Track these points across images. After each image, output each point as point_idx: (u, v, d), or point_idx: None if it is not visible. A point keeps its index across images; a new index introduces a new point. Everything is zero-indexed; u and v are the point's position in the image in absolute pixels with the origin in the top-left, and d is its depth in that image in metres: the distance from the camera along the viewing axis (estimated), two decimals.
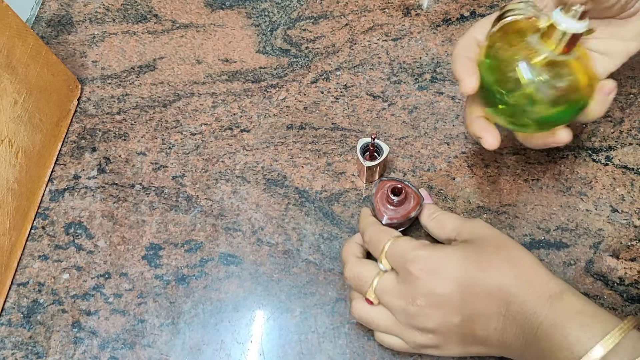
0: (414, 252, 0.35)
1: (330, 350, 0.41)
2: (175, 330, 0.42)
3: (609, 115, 0.50)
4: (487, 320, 0.33)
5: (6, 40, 0.43)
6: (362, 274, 0.37)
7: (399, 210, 0.41)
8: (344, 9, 0.58)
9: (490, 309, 0.33)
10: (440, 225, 0.40)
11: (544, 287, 0.32)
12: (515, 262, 0.33)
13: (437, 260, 0.34)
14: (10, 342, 0.42)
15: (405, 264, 0.34)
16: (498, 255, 0.34)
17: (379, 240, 0.37)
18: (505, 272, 0.33)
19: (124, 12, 0.60)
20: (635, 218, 0.44)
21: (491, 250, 0.34)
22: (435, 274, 0.33)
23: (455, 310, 0.33)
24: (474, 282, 0.33)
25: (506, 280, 0.33)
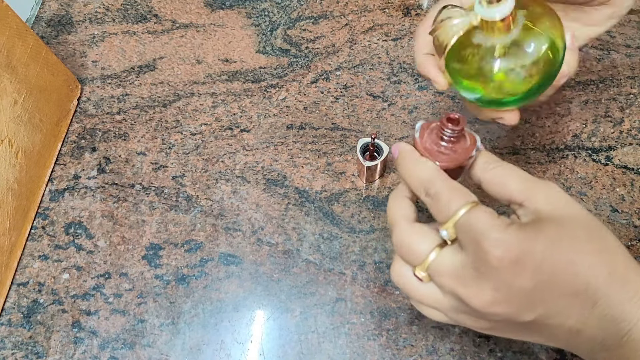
0: (497, 233, 0.27)
1: (330, 350, 0.41)
2: (175, 330, 0.42)
3: (609, 115, 0.50)
4: (563, 320, 0.28)
5: (6, 40, 0.43)
6: (415, 244, 0.30)
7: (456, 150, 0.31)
8: (344, 9, 0.58)
9: (571, 309, 0.28)
10: (500, 182, 0.31)
11: (637, 287, 0.27)
12: (610, 255, 0.28)
13: (524, 247, 0.27)
14: (10, 342, 0.42)
15: (484, 245, 0.27)
16: (591, 246, 0.28)
17: (450, 201, 0.29)
18: (598, 268, 0.27)
19: (124, 12, 0.60)
20: (635, 218, 0.44)
21: (584, 238, 0.28)
22: (518, 266, 0.27)
23: (529, 309, 0.28)
24: (561, 277, 0.27)
25: (598, 278, 0.27)
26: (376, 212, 0.46)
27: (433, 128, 0.32)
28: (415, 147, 0.32)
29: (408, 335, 0.41)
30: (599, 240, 0.28)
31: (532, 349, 0.40)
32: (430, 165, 0.31)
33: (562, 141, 0.49)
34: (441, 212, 0.30)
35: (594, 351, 0.28)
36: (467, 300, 0.28)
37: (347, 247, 0.45)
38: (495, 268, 0.27)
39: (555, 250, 0.27)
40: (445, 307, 0.30)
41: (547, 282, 0.27)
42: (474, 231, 0.28)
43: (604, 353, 0.28)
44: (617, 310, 0.27)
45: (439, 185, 0.30)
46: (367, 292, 0.43)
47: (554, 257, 0.27)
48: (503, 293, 0.27)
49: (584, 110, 0.50)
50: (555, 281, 0.27)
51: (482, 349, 0.40)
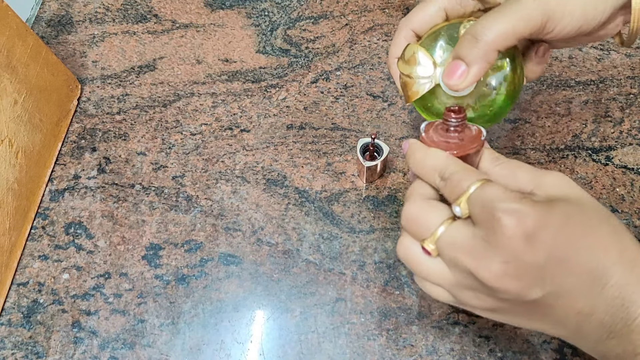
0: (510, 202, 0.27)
1: (330, 350, 0.41)
2: (175, 330, 0.42)
3: (609, 115, 0.50)
4: (573, 300, 0.27)
5: (6, 40, 0.43)
6: (425, 218, 0.30)
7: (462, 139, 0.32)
8: (344, 9, 0.58)
9: (581, 289, 0.27)
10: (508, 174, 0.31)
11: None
12: (621, 237, 0.28)
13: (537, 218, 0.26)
14: (10, 342, 0.42)
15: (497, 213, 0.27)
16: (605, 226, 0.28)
17: (462, 179, 0.29)
18: (610, 248, 0.27)
19: (124, 12, 0.60)
20: (635, 218, 0.44)
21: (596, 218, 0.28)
22: (531, 238, 0.26)
23: (538, 284, 0.27)
24: (572, 254, 0.27)
25: (609, 258, 0.27)
26: (376, 212, 0.46)
27: (437, 124, 0.33)
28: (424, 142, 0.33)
29: (408, 335, 0.41)
30: (611, 222, 0.28)
31: (532, 349, 0.40)
32: (441, 152, 0.31)
33: (562, 141, 0.49)
34: (454, 192, 0.29)
35: (602, 339, 0.28)
36: (476, 272, 0.28)
37: (347, 247, 0.45)
38: (507, 238, 0.26)
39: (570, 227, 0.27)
40: (450, 282, 0.30)
41: (559, 258, 0.27)
42: (486, 203, 0.27)
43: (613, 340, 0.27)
44: (627, 293, 0.26)
45: (451, 168, 0.30)
46: (367, 292, 0.43)
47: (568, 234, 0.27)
48: (513, 266, 0.27)
49: (584, 110, 0.50)
50: (568, 258, 0.27)
51: (482, 349, 0.40)
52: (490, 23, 0.31)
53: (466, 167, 0.30)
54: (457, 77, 0.32)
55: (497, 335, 0.40)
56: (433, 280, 0.31)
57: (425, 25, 0.37)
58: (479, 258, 0.28)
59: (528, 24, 0.31)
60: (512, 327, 0.41)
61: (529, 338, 0.40)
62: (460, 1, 0.35)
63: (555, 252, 0.27)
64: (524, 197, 0.27)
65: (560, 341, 0.40)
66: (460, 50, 0.32)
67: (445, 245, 0.29)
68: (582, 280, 0.27)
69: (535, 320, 0.29)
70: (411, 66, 0.35)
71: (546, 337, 0.40)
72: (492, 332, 0.41)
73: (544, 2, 0.31)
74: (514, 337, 0.40)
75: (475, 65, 0.32)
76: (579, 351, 0.40)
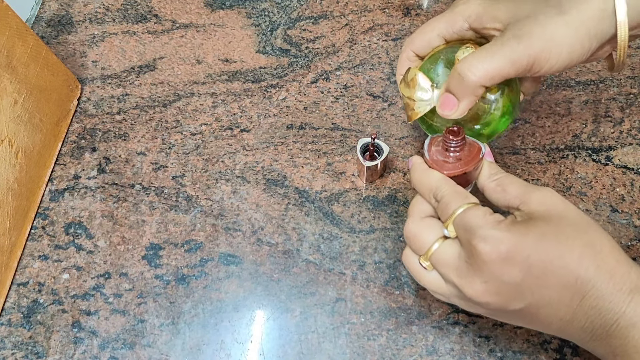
0: (486, 229, 0.30)
1: (330, 350, 0.41)
2: (175, 330, 0.42)
3: (609, 115, 0.50)
4: (554, 310, 0.30)
5: (6, 40, 0.43)
6: (421, 236, 0.33)
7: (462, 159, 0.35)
8: (344, 9, 0.58)
9: (561, 300, 0.29)
10: (501, 189, 0.34)
11: (625, 279, 0.28)
12: (598, 248, 0.29)
13: (512, 244, 0.29)
14: (10, 342, 0.42)
15: (474, 240, 0.30)
16: (579, 240, 0.29)
17: (450, 202, 0.32)
18: (587, 261, 0.29)
19: (124, 12, 0.60)
20: (635, 218, 0.44)
21: (571, 233, 0.30)
22: (505, 261, 0.29)
23: (519, 299, 0.30)
24: (548, 270, 0.29)
25: (587, 271, 0.29)
26: (376, 212, 0.46)
27: (440, 141, 0.36)
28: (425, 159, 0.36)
29: (408, 335, 0.41)
30: (587, 235, 0.30)
31: (532, 349, 0.40)
32: (436, 174, 0.34)
33: (562, 141, 0.49)
34: (443, 213, 0.33)
35: (585, 340, 0.30)
36: (462, 289, 0.31)
37: (347, 247, 0.45)
38: (484, 262, 0.29)
39: (543, 245, 0.29)
40: (447, 293, 0.33)
41: (535, 275, 0.29)
42: (467, 227, 0.31)
43: (595, 342, 0.30)
44: (605, 302, 0.28)
45: (443, 190, 0.33)
46: (367, 292, 0.43)
47: (541, 252, 0.29)
48: (492, 285, 0.30)
49: (584, 110, 0.50)
50: (544, 274, 0.29)
51: (482, 349, 0.40)
52: (477, 62, 0.33)
53: (456, 190, 0.33)
54: (449, 108, 0.35)
55: (497, 335, 0.40)
56: (432, 289, 0.34)
57: (425, 48, 0.39)
58: (463, 277, 0.31)
59: (514, 66, 0.32)
60: (512, 327, 0.41)
61: (529, 338, 0.40)
62: (458, 31, 0.37)
63: (531, 270, 0.29)
64: (500, 222, 0.30)
65: (560, 341, 0.40)
66: (450, 86, 0.35)
67: (437, 261, 0.32)
68: (560, 293, 0.29)
69: (522, 321, 0.32)
70: (411, 89, 0.37)
71: (546, 337, 0.40)
72: (492, 332, 0.41)
73: (530, 46, 0.32)
74: (514, 337, 0.40)
75: (464, 100, 0.34)
76: (579, 351, 0.40)
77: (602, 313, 0.29)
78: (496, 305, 0.31)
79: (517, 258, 0.29)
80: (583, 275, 0.29)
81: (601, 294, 0.29)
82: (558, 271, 0.29)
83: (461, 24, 0.36)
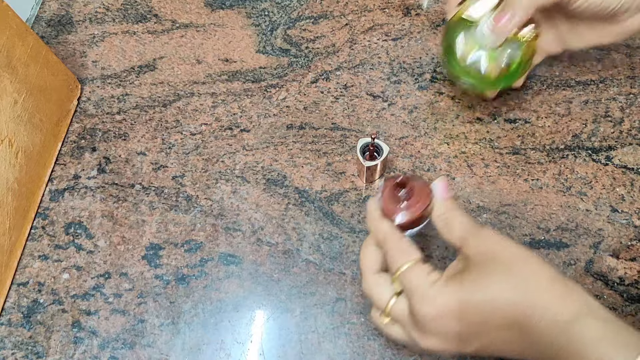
0: (423, 290, 0.32)
1: (330, 350, 0.41)
2: (175, 330, 0.42)
3: (609, 115, 0.50)
4: (504, 346, 0.32)
5: (6, 40, 0.43)
6: (377, 294, 0.35)
7: (410, 207, 0.37)
8: (344, 9, 0.58)
9: (506, 339, 0.31)
10: (447, 230, 0.36)
11: (562, 309, 0.30)
12: (530, 285, 0.31)
13: (447, 301, 0.32)
14: (10, 342, 0.42)
15: (413, 301, 0.32)
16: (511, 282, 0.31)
17: (395, 260, 0.34)
18: (522, 300, 0.30)
19: (124, 12, 0.60)
20: (635, 218, 0.44)
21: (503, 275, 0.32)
22: (444, 317, 0.32)
23: (467, 344, 0.32)
24: (488, 318, 0.31)
25: (522, 309, 0.30)
26: None
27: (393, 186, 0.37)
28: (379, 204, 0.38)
29: None
30: (521, 274, 0.31)
31: None
32: (384, 226, 0.36)
33: (562, 141, 0.49)
34: (391, 267, 0.35)
35: None
36: (419, 342, 0.33)
37: (347, 247, 0.45)
38: (425, 320, 0.32)
39: (475, 295, 0.31)
40: (411, 344, 0.35)
41: (475, 322, 0.31)
42: (407, 288, 0.33)
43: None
44: (544, 335, 0.30)
45: (389, 246, 0.35)
46: None
47: (474, 302, 0.31)
48: (439, 337, 0.32)
49: (584, 110, 0.50)
50: (482, 321, 0.31)
51: None
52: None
53: (400, 247, 0.35)
54: (504, 21, 0.41)
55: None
56: (399, 341, 0.36)
57: None
58: (417, 330, 0.33)
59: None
60: None
61: None
62: None
63: (469, 319, 0.31)
64: (436, 282, 0.32)
65: None
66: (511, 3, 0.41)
67: (395, 316, 0.35)
68: (504, 333, 0.31)
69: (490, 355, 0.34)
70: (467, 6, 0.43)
71: None
72: None
73: None
74: None
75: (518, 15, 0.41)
76: None
77: (545, 345, 0.30)
78: (452, 351, 0.33)
79: (453, 312, 0.31)
80: (519, 314, 0.30)
81: (539, 330, 0.30)
82: (496, 315, 0.31)
83: None
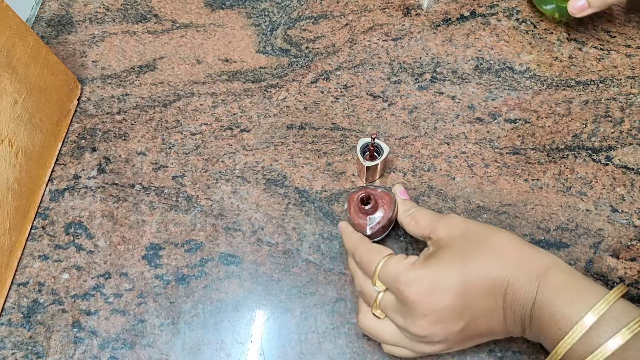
0: (405, 274, 0.34)
1: (330, 350, 0.41)
2: (175, 330, 0.42)
3: (609, 115, 0.50)
4: (489, 316, 0.34)
5: (6, 40, 0.43)
6: (367, 290, 0.37)
7: (377, 216, 0.40)
8: (344, 9, 0.58)
9: (490, 306, 0.33)
10: (414, 222, 0.39)
11: (530, 268, 0.33)
12: (499, 250, 0.34)
13: (430, 277, 0.34)
14: (10, 342, 0.42)
15: (399, 287, 0.34)
16: (482, 250, 0.34)
17: (370, 262, 0.37)
18: (494, 265, 0.33)
19: (124, 12, 0.60)
20: (635, 218, 0.44)
21: (474, 247, 0.34)
22: (432, 293, 0.33)
23: (457, 319, 0.34)
24: (469, 286, 0.33)
25: (496, 273, 0.33)
26: None
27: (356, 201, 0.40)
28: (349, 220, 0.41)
29: None
30: (488, 242, 0.34)
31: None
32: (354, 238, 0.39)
33: (562, 141, 0.49)
34: (368, 271, 0.37)
35: (524, 332, 0.34)
36: (410, 329, 0.34)
37: None
38: (415, 301, 0.33)
39: (455, 267, 0.34)
40: (405, 341, 0.36)
41: (461, 294, 0.33)
42: (389, 279, 0.35)
43: (529, 331, 0.34)
44: (520, 293, 0.33)
45: (361, 251, 0.38)
46: None
47: (459, 273, 0.33)
48: (431, 316, 0.33)
49: (584, 110, 0.50)
50: (467, 290, 0.33)
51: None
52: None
53: (372, 248, 0.37)
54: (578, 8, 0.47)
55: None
56: (390, 340, 0.36)
57: None
58: (406, 317, 0.34)
59: None
60: None
61: None
62: None
63: (457, 291, 0.33)
64: (414, 264, 0.35)
65: None
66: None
67: (384, 308, 0.36)
68: (486, 300, 0.33)
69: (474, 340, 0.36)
70: None
71: None
72: None
73: None
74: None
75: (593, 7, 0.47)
76: None
77: (521, 303, 0.33)
78: (443, 332, 0.34)
79: (440, 286, 0.33)
80: (496, 277, 0.33)
81: (516, 288, 0.33)
82: (475, 283, 0.33)
83: None
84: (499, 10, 0.57)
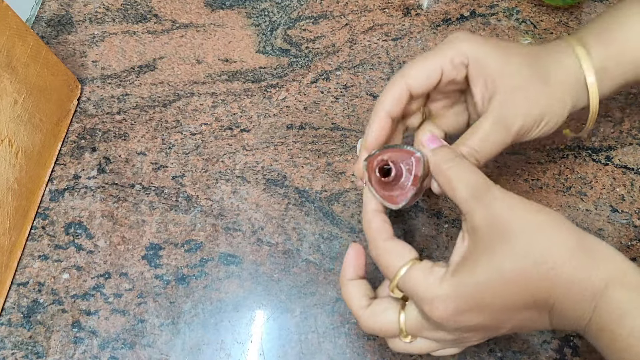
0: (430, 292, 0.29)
1: (330, 350, 0.41)
2: (175, 330, 0.42)
3: (609, 115, 0.50)
4: (531, 325, 0.31)
5: (6, 40, 0.43)
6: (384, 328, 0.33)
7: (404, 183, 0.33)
8: (344, 9, 0.58)
9: (532, 318, 0.30)
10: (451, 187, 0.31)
11: (585, 284, 0.27)
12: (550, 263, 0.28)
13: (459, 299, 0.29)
14: (10, 342, 0.42)
15: (424, 307, 0.30)
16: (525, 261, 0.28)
17: (389, 265, 0.32)
18: (539, 282, 0.28)
19: (124, 12, 0.60)
20: (635, 218, 0.44)
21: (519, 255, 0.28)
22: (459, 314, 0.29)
23: (497, 329, 0.31)
24: (506, 304, 0.29)
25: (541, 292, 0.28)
26: None
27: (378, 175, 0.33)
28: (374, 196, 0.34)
29: None
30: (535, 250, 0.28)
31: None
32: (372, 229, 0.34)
33: (562, 141, 0.49)
34: (386, 274, 0.33)
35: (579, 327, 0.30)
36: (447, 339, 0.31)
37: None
38: (440, 322, 0.29)
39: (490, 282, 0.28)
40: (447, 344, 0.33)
41: (497, 310, 0.29)
42: (412, 292, 0.30)
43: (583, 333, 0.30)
44: (569, 313, 0.28)
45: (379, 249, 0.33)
46: None
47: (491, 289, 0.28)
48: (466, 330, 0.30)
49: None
50: (503, 308, 0.29)
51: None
52: None
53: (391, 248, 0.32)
54: None
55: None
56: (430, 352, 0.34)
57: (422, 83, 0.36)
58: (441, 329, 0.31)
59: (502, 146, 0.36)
60: None
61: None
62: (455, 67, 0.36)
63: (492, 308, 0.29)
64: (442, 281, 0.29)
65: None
66: None
67: (413, 330, 0.32)
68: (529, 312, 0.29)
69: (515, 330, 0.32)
70: None
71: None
72: None
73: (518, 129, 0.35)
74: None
75: None
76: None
77: (571, 322, 0.29)
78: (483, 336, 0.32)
79: (471, 306, 0.29)
80: (539, 297, 0.28)
81: (564, 307, 0.28)
82: (511, 300, 0.29)
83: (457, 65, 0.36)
84: (499, 10, 0.57)
